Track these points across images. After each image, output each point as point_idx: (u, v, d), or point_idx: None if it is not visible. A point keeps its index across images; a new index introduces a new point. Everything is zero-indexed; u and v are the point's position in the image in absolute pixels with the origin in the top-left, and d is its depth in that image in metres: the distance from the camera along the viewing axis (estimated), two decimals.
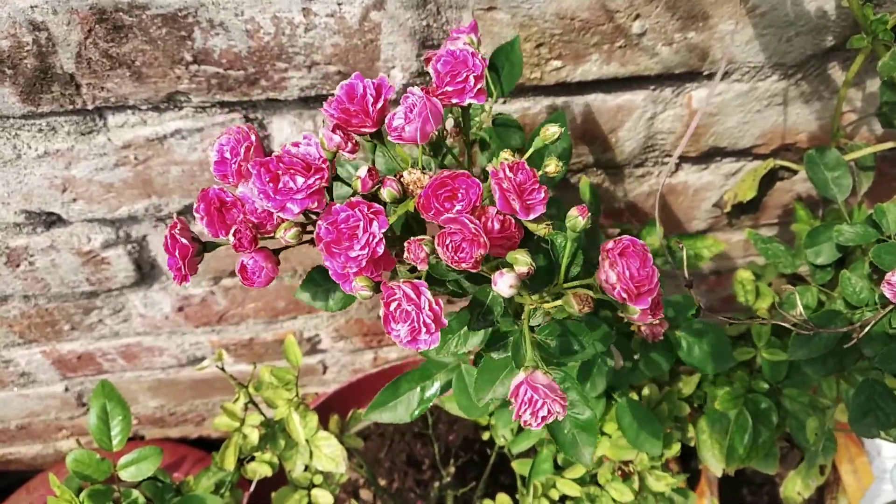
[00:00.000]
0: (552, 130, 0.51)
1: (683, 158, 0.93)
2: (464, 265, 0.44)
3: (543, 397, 0.44)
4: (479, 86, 0.50)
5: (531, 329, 0.49)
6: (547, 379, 0.45)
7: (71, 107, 0.73)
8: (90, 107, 0.74)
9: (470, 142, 0.63)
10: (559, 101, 0.82)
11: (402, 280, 0.45)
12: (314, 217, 0.51)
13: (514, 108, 0.82)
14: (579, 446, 0.56)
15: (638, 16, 0.73)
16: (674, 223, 1.03)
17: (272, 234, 0.52)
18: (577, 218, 0.47)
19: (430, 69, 0.52)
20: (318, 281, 0.60)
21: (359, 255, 0.46)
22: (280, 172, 0.46)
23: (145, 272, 0.96)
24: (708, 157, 0.93)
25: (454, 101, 0.50)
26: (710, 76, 0.82)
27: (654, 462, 0.77)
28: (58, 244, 0.89)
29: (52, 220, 0.86)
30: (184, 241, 0.51)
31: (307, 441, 0.75)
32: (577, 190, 0.90)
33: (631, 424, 0.72)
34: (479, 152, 0.72)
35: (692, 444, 0.81)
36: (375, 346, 1.24)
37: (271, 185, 0.46)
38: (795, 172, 0.84)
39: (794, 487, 0.97)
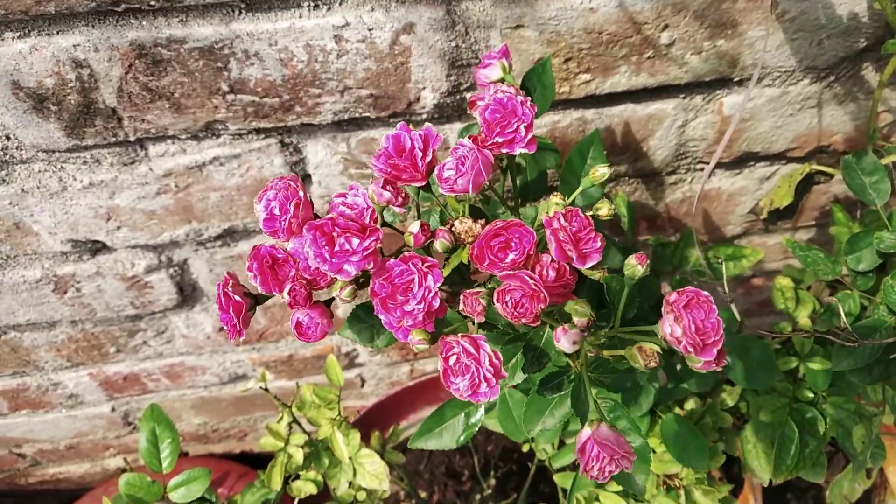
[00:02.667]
0: (601, 171, 0.51)
1: (717, 164, 0.92)
2: (523, 320, 0.44)
3: (611, 454, 0.44)
4: (529, 136, 0.49)
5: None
6: (613, 433, 0.45)
7: (113, 139, 0.75)
8: (132, 138, 0.76)
9: (504, 167, 0.64)
10: (589, 112, 0.82)
11: (460, 335, 0.45)
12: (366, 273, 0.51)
13: (544, 121, 0.82)
14: (632, 475, 0.56)
15: (666, 26, 0.73)
16: (709, 229, 1.02)
17: (325, 289, 0.52)
18: (635, 266, 0.47)
19: (476, 115, 0.52)
20: (363, 318, 0.60)
21: (415, 310, 0.46)
22: (335, 235, 0.46)
23: (187, 294, 0.98)
24: (741, 162, 0.93)
25: (504, 151, 0.50)
26: (741, 82, 0.82)
27: (700, 475, 0.76)
28: (103, 270, 0.91)
29: (97, 248, 0.88)
30: (237, 297, 0.51)
31: (350, 459, 0.76)
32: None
33: (676, 441, 0.71)
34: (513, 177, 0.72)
35: (736, 453, 0.80)
36: (412, 358, 1.24)
37: (327, 248, 0.46)
38: (831, 177, 0.83)
39: (840, 492, 0.95)
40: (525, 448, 1.00)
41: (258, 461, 1.40)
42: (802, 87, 0.83)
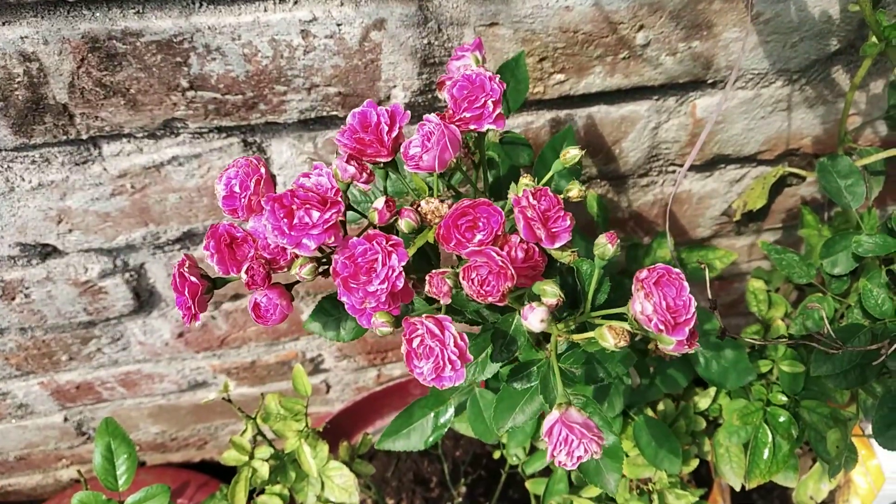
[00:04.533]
0: (572, 153, 0.50)
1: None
2: (490, 299, 0.42)
3: (580, 437, 0.42)
4: (497, 111, 0.48)
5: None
6: (582, 416, 0.43)
7: (64, 137, 0.71)
8: (84, 136, 0.72)
9: (477, 162, 0.62)
10: (562, 113, 0.81)
11: (424, 315, 0.43)
12: (328, 251, 0.50)
13: (517, 122, 0.81)
14: (604, 473, 0.55)
15: (641, 27, 0.72)
16: (678, 231, 1.02)
17: (285, 269, 0.50)
18: (605, 245, 0.45)
19: (444, 94, 0.50)
20: (329, 310, 0.58)
21: (378, 290, 0.44)
22: (294, 207, 0.44)
23: (144, 300, 0.94)
24: (712, 164, 0.92)
25: (472, 127, 0.49)
26: (714, 84, 0.81)
27: (673, 479, 0.75)
28: (54, 275, 0.86)
29: (47, 252, 0.84)
30: (193, 279, 0.49)
31: (318, 472, 0.73)
32: (580, 203, 0.89)
33: (649, 443, 0.71)
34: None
35: (708, 457, 0.80)
36: (379, 363, 1.22)
37: (286, 220, 0.44)
38: (804, 179, 0.82)
39: (807, 492, 0.96)
40: (496, 454, 0.99)
41: (219, 470, 1.35)
42: (774, 89, 0.82)
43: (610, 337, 0.43)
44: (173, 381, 1.12)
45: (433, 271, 0.45)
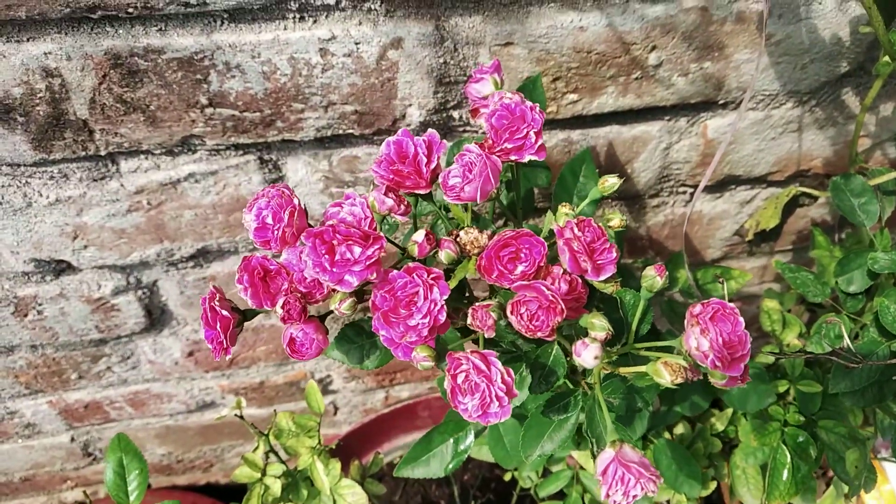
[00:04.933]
0: (611, 181, 0.50)
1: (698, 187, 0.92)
2: (539, 334, 0.42)
3: (637, 476, 0.41)
4: (539, 142, 0.48)
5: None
6: (637, 455, 0.43)
7: (83, 153, 0.72)
8: (103, 152, 0.72)
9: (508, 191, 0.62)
10: (574, 133, 0.81)
11: (470, 350, 0.43)
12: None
13: None
14: None
15: (654, 47, 0.73)
16: (689, 252, 1.02)
17: (320, 302, 0.49)
18: (654, 278, 0.45)
19: (481, 122, 0.50)
20: (352, 338, 0.57)
21: (419, 324, 0.43)
22: (336, 243, 0.43)
23: (155, 318, 0.94)
24: (723, 185, 0.93)
25: (513, 158, 0.48)
26: (725, 105, 0.82)
27: (692, 502, 0.75)
28: (67, 292, 0.87)
29: (61, 268, 0.84)
30: (224, 312, 0.48)
31: (331, 490, 0.72)
32: None
33: (669, 466, 0.70)
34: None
35: (725, 479, 0.79)
36: (387, 385, 1.21)
37: (327, 257, 0.43)
38: (816, 199, 0.83)
39: None
40: (507, 476, 0.98)
41: (224, 494, 1.34)
42: (785, 110, 0.83)
43: (666, 374, 0.42)
44: (182, 402, 1.12)
45: (477, 304, 0.45)
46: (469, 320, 0.44)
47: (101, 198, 0.76)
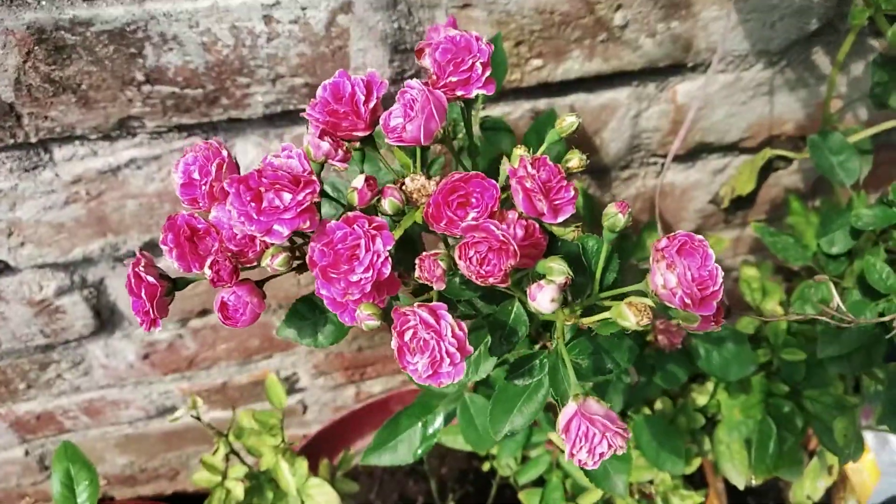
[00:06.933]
0: (570, 120, 0.46)
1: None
2: (491, 280, 0.38)
3: (602, 430, 0.37)
4: (486, 73, 0.44)
5: None
6: (603, 408, 0.39)
7: (11, 141, 0.66)
8: (33, 139, 0.67)
9: (456, 150, 0.58)
10: (541, 103, 0.78)
11: (417, 304, 0.39)
12: (302, 240, 0.45)
13: (494, 113, 0.77)
14: (611, 476, 0.50)
15: (619, 6, 0.70)
16: (663, 225, 0.99)
17: (255, 264, 0.45)
18: (616, 215, 0.41)
19: (425, 61, 0.46)
20: (304, 314, 0.53)
21: (362, 279, 0.39)
22: (263, 189, 0.39)
23: (105, 319, 0.88)
24: (695, 154, 0.90)
25: (459, 92, 0.44)
26: (695, 68, 0.79)
27: (676, 481, 0.72)
28: (6, 295, 0.81)
29: None
30: (150, 279, 0.44)
31: (298, 490, 0.68)
32: None
33: (650, 443, 0.67)
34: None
35: (709, 456, 0.76)
36: (358, 379, 1.17)
37: (253, 204, 0.39)
38: (791, 162, 0.80)
39: (803, 491, 0.92)
40: (486, 466, 0.94)
41: (192, 502, 1.28)
42: (755, 72, 0.80)
43: (630, 314, 0.38)
44: (140, 408, 1.06)
45: (424, 254, 0.41)
46: (416, 272, 0.41)
47: (34, 190, 0.71)
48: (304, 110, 0.71)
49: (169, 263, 0.45)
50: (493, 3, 0.66)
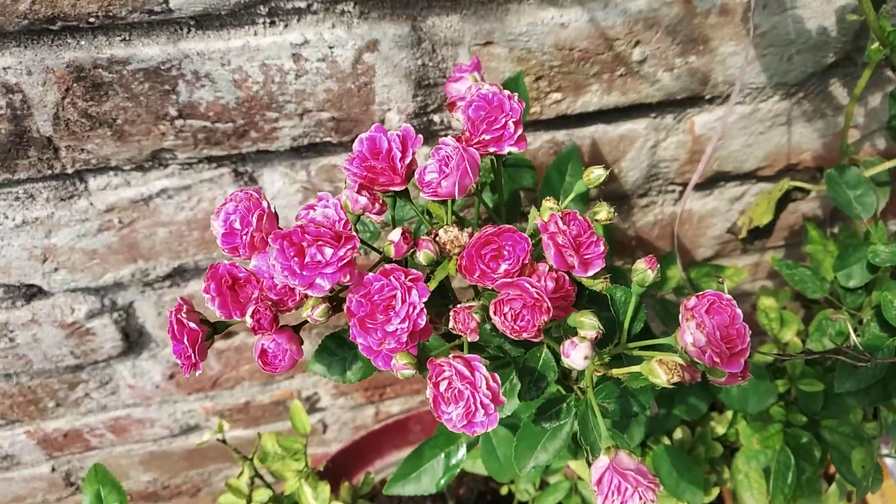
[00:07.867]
0: (597, 173, 0.47)
1: (687, 185, 0.90)
2: (525, 335, 0.39)
3: (634, 485, 0.38)
4: (519, 131, 0.45)
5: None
6: (634, 461, 0.40)
7: (49, 172, 0.69)
8: (70, 170, 0.69)
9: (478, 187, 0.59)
10: (559, 134, 0.79)
11: (451, 355, 0.40)
12: (338, 286, 0.47)
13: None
14: None
15: (638, 42, 0.71)
16: (680, 252, 1.00)
17: (293, 311, 0.46)
18: (645, 271, 0.42)
19: (457, 115, 0.48)
20: (333, 351, 0.55)
21: (398, 329, 0.41)
22: (305, 245, 0.41)
23: (133, 341, 0.91)
24: (712, 182, 0.91)
25: (492, 149, 0.46)
26: (712, 100, 0.80)
27: None
28: (39, 317, 0.83)
29: (32, 293, 0.81)
30: (192, 325, 0.45)
31: None
32: None
33: (670, 473, 0.67)
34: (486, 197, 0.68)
35: (728, 484, 0.77)
36: (377, 400, 1.18)
37: (296, 259, 0.40)
38: (808, 193, 0.81)
39: None
40: (503, 490, 0.95)
41: None
42: (773, 103, 0.81)
43: (662, 372, 0.39)
44: (164, 426, 1.08)
45: (458, 306, 0.42)
46: (451, 323, 0.42)
47: (69, 218, 0.73)
48: (329, 143, 0.73)
49: (209, 308, 0.46)
50: (514, 40, 0.68)
